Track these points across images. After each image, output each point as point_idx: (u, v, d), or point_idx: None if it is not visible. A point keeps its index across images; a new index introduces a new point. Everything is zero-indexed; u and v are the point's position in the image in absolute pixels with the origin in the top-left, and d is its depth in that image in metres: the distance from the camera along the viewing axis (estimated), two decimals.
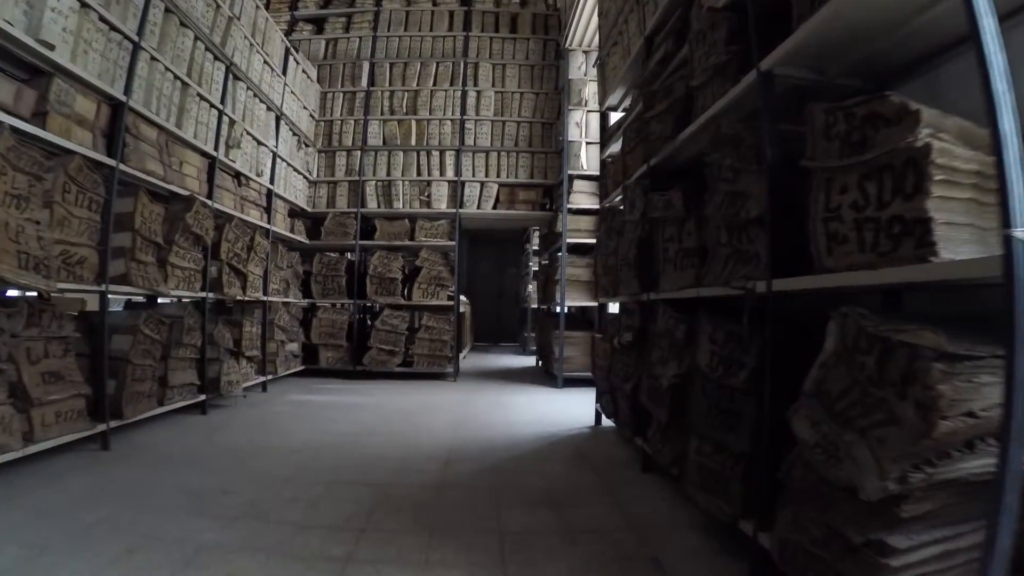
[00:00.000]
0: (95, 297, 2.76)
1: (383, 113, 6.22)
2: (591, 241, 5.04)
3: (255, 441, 2.99)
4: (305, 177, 5.91)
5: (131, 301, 3.67)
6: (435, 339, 5.57)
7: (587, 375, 4.82)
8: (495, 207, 6.05)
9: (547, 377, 5.92)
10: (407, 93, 6.24)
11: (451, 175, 6.06)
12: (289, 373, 5.29)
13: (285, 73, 5.19)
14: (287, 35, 6.15)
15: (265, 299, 4.65)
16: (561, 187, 5.52)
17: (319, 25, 6.66)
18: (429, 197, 6.05)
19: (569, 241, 5.30)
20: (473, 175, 6.09)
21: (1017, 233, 0.88)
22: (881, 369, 1.05)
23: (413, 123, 6.14)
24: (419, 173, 6.10)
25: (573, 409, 4.12)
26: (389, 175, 6.08)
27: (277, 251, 5.03)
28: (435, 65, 6.29)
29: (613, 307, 3.75)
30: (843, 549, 1.13)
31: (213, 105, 3.84)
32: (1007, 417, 0.90)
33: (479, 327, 10.38)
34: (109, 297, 2.74)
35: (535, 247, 8.50)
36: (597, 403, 3.56)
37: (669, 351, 2.14)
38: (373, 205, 6.03)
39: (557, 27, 6.45)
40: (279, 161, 5.11)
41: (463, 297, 7.36)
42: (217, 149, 3.88)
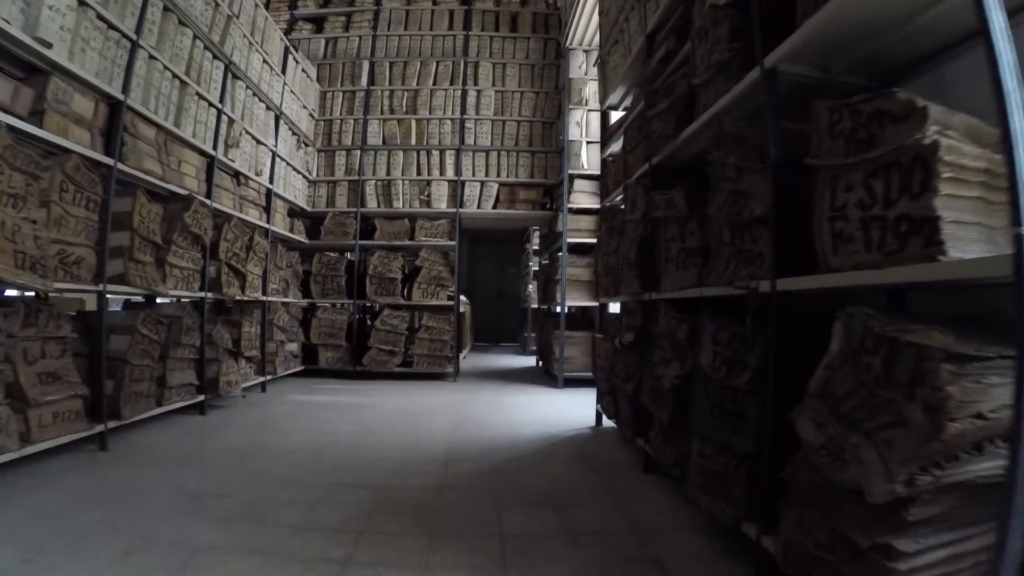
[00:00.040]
0: (93, 297, 2.74)
1: (383, 112, 6.21)
2: (592, 241, 5.03)
3: (254, 442, 2.98)
4: (304, 177, 5.90)
5: (129, 301, 3.66)
6: (435, 339, 5.56)
7: (588, 375, 4.81)
8: (495, 207, 6.04)
9: (547, 377, 5.90)
10: (407, 92, 6.22)
11: (451, 175, 6.04)
12: (288, 373, 5.27)
13: (284, 72, 5.17)
14: (286, 34, 6.13)
15: (264, 299, 4.64)
16: (561, 186, 5.50)
17: (319, 24, 6.64)
18: (429, 197, 6.03)
19: (569, 241, 5.28)
20: (473, 175, 6.07)
21: None
22: (888, 370, 1.03)
23: (413, 122, 6.12)
24: (419, 173, 6.08)
25: (574, 410, 4.10)
26: (389, 175, 6.07)
27: (276, 251, 5.02)
28: (435, 64, 6.28)
29: (614, 307, 3.74)
30: (849, 553, 1.11)
31: (212, 104, 3.83)
32: (1017, 419, 0.89)
33: (479, 327, 10.36)
34: (108, 297, 2.73)
35: (535, 247, 8.47)
36: (598, 404, 3.54)
37: (671, 351, 2.13)
38: (373, 205, 6.01)
39: (557, 26, 6.43)
40: (278, 160, 5.09)
41: (463, 297, 7.34)
42: (216, 148, 3.87)
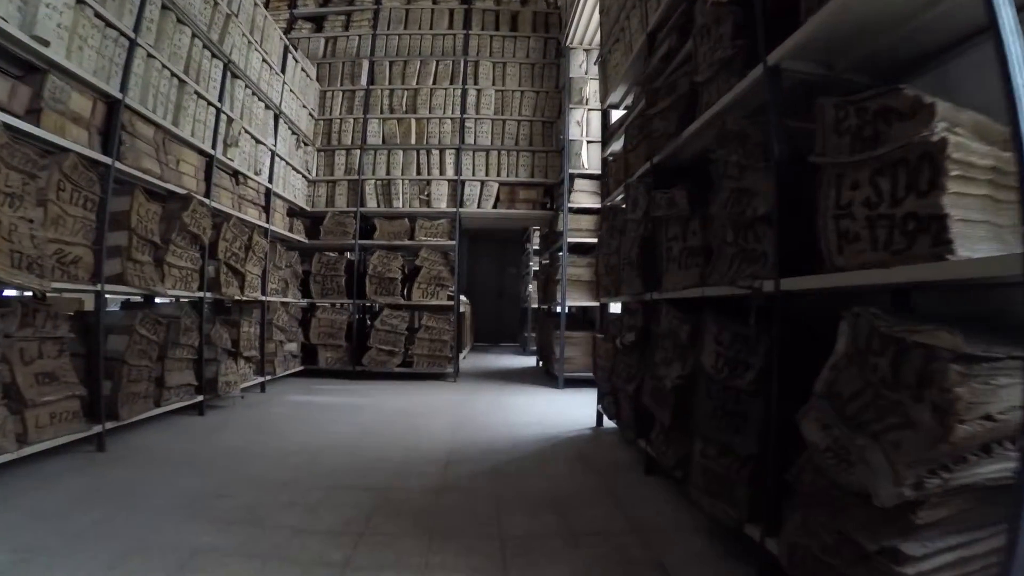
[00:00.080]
0: (91, 297, 2.73)
1: (383, 112, 6.19)
2: (592, 240, 5.02)
3: (253, 443, 2.96)
4: (304, 176, 5.88)
5: (128, 301, 3.64)
6: (435, 339, 5.54)
7: (588, 376, 4.79)
8: (495, 206, 6.02)
9: (548, 378, 5.88)
10: (407, 92, 6.20)
11: (451, 174, 6.03)
12: (288, 373, 5.26)
13: (284, 71, 5.15)
14: (286, 33, 6.11)
15: (263, 299, 4.62)
16: (562, 186, 5.48)
17: (318, 23, 6.62)
18: (429, 196, 6.01)
19: (570, 240, 5.27)
20: (473, 174, 6.05)
21: None
22: (895, 371, 1.02)
23: (413, 122, 6.10)
24: (419, 172, 6.06)
25: (574, 410, 4.09)
26: (389, 174, 6.05)
27: (276, 250, 5.00)
28: (435, 63, 6.26)
29: (615, 307, 3.72)
30: (855, 556, 1.09)
31: (211, 103, 3.81)
32: None
33: (479, 327, 10.35)
34: (106, 297, 2.71)
35: (535, 246, 8.46)
36: (599, 404, 3.53)
37: (673, 352, 2.11)
38: (372, 204, 6.00)
39: (558, 25, 6.42)
40: (278, 160, 5.08)
41: (463, 297, 7.33)
42: (215, 147, 3.85)
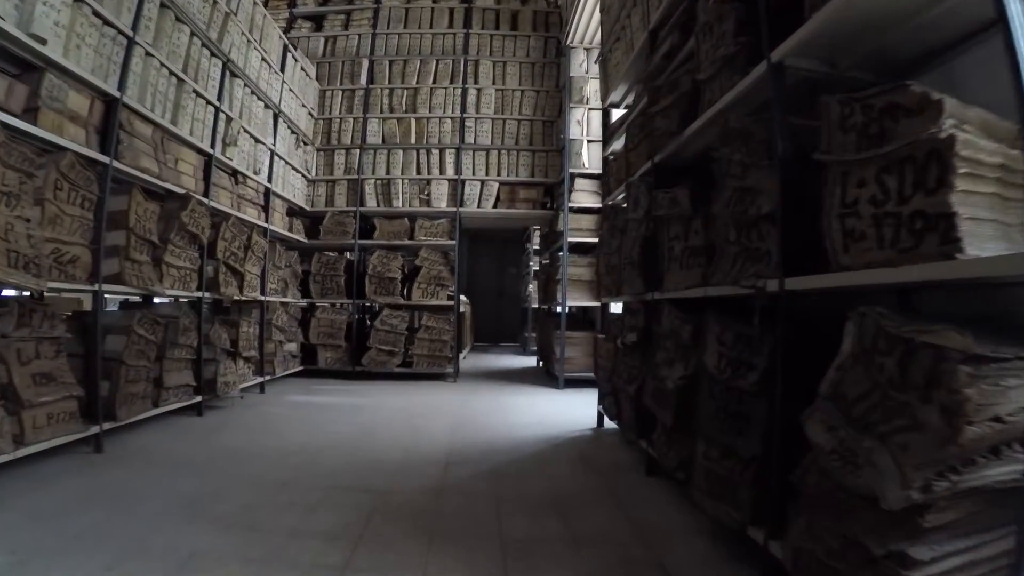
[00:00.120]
0: (88, 297, 2.71)
1: (382, 111, 6.17)
2: (593, 240, 4.99)
3: (251, 443, 2.94)
4: (303, 176, 5.86)
5: (126, 301, 3.63)
6: (435, 339, 5.52)
7: (589, 376, 4.77)
8: (495, 206, 6.00)
9: (548, 378, 5.87)
10: (407, 91, 6.19)
11: (451, 174, 6.01)
12: (287, 374, 5.24)
13: (283, 70, 5.13)
14: (285, 32, 6.09)
15: (263, 299, 4.60)
16: (562, 185, 5.47)
17: (318, 22, 6.60)
18: (429, 196, 5.99)
19: (570, 240, 5.25)
20: (473, 174, 6.03)
21: None
22: (903, 372, 1.00)
23: (413, 121, 6.09)
24: (419, 172, 6.04)
25: (575, 411, 4.07)
26: (388, 174, 6.03)
27: (275, 250, 4.98)
28: (435, 63, 6.24)
29: (616, 307, 3.70)
30: (861, 560, 1.08)
31: (210, 102, 3.79)
32: None
33: (479, 327, 10.33)
34: (104, 297, 2.70)
35: (536, 246, 8.44)
36: (600, 405, 3.51)
37: (675, 352, 2.09)
38: (372, 204, 5.98)
39: (558, 24, 6.40)
40: (277, 159, 5.06)
41: (463, 297, 7.31)
42: (214, 147, 3.83)
